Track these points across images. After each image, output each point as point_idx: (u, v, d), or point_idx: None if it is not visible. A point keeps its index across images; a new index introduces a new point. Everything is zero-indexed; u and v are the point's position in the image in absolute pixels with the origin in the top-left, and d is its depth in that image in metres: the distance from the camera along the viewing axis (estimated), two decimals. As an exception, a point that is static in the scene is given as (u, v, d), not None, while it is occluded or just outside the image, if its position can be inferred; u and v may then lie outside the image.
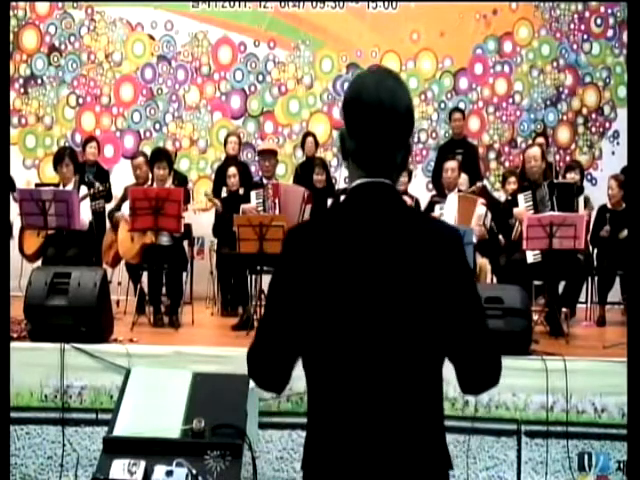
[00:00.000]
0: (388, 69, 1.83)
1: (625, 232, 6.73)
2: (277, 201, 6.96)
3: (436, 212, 7.00)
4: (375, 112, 1.66)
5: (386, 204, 1.69)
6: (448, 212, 6.93)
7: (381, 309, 1.64)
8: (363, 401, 1.65)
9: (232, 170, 7.64)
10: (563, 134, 9.38)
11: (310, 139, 8.38)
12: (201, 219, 7.65)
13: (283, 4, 9.13)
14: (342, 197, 1.86)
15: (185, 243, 6.84)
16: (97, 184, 7.08)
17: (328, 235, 1.69)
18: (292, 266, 1.69)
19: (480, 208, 6.88)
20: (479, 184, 7.87)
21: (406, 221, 1.69)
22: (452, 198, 7.02)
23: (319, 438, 1.71)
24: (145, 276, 6.61)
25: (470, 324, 1.70)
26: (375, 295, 1.64)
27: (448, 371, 1.74)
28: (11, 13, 8.40)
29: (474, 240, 6.59)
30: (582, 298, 6.87)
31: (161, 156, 6.79)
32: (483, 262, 6.88)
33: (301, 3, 9.12)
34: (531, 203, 6.44)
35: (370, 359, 1.64)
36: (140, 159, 7.14)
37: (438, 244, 1.68)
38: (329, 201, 7.46)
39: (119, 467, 3.92)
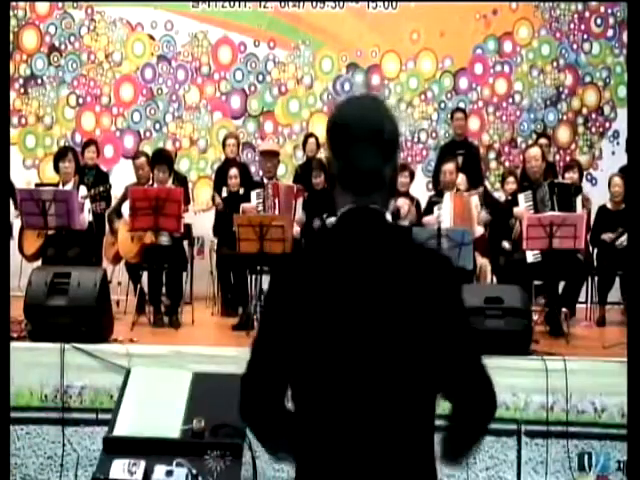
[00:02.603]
0: (373, 94, 1.84)
1: (624, 241, 6.71)
2: (277, 201, 6.98)
3: (435, 212, 7.02)
4: (358, 131, 1.67)
5: (375, 233, 1.67)
6: (445, 212, 6.96)
7: (372, 340, 1.62)
8: (353, 433, 1.63)
9: (233, 171, 7.63)
10: (563, 134, 9.37)
11: (312, 140, 8.37)
12: (201, 219, 7.65)
13: (283, 4, 9.12)
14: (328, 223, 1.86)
15: (185, 243, 6.85)
16: (98, 188, 7.06)
17: (317, 266, 1.68)
18: (282, 298, 1.68)
19: (474, 198, 6.98)
20: (480, 189, 7.87)
21: (396, 250, 1.67)
22: (447, 197, 7.05)
23: (308, 469, 1.69)
24: (145, 276, 6.61)
25: (462, 354, 1.67)
26: (366, 326, 1.62)
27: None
28: (11, 13, 8.39)
29: (481, 230, 6.72)
30: (582, 298, 6.87)
31: (162, 159, 6.79)
32: (483, 262, 6.88)
33: (301, 3, 9.11)
34: (531, 203, 6.44)
35: (361, 390, 1.62)
36: (142, 159, 7.13)
37: (429, 274, 1.66)
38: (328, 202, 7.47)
39: (119, 467, 3.93)
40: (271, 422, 1.72)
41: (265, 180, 7.22)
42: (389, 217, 1.77)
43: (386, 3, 9.15)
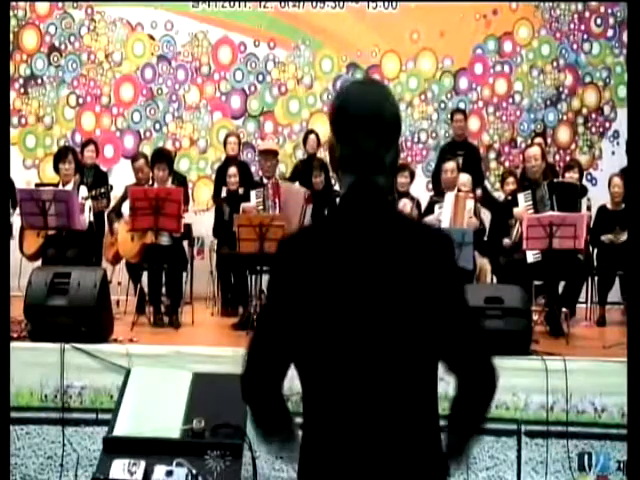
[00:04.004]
0: (374, 79, 1.88)
1: (624, 236, 6.72)
2: (277, 201, 6.97)
3: (435, 212, 7.01)
4: (362, 116, 1.71)
5: (376, 210, 1.71)
6: (445, 211, 6.95)
7: (374, 316, 1.65)
8: (358, 410, 1.65)
9: (232, 170, 7.64)
10: (563, 134, 9.37)
11: (312, 137, 8.37)
12: (201, 219, 7.66)
13: (283, 4, 9.12)
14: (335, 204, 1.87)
15: (185, 243, 6.84)
16: (99, 189, 7.05)
17: (319, 245, 1.70)
18: (285, 276, 1.71)
19: (469, 202, 6.92)
20: (478, 192, 7.85)
21: (397, 227, 1.71)
22: (449, 197, 7.04)
23: (315, 448, 1.71)
24: (145, 276, 6.61)
25: (461, 328, 1.71)
26: (368, 303, 1.65)
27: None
28: (11, 13, 8.39)
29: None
30: (582, 298, 6.86)
31: (162, 157, 6.79)
32: (483, 262, 6.88)
33: (301, 3, 9.12)
34: (531, 203, 6.44)
35: (365, 366, 1.65)
36: (141, 161, 7.11)
37: (429, 249, 1.70)
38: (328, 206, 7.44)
39: (119, 467, 3.93)
40: (270, 403, 1.75)
41: (265, 180, 7.22)
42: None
43: (386, 3, 9.15)
